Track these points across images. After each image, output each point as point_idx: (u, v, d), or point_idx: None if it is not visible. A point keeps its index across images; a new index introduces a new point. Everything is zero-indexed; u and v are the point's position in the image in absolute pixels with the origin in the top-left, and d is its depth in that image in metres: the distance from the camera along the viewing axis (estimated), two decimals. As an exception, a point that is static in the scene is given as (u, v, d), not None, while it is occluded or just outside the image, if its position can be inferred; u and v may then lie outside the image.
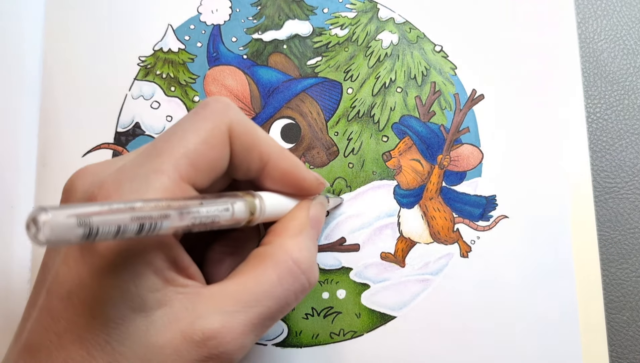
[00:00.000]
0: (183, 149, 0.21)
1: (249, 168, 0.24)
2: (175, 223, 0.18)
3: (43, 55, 0.33)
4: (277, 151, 0.24)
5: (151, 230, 0.17)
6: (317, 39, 0.34)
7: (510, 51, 0.34)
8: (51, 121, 0.33)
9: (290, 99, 0.33)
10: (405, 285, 0.32)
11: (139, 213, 0.17)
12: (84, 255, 0.19)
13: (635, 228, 0.34)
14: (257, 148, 0.24)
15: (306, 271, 0.23)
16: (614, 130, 0.35)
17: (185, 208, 0.19)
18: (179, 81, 0.33)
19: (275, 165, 0.24)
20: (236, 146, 0.23)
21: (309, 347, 0.32)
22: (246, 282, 0.22)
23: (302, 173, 0.25)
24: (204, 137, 0.22)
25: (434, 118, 0.34)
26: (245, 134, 0.23)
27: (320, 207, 0.27)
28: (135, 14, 0.34)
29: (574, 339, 0.31)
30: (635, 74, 0.35)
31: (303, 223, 0.25)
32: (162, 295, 0.20)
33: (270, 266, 0.23)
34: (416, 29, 0.35)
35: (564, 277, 0.32)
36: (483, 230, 0.33)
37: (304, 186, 0.26)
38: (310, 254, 0.24)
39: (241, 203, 0.22)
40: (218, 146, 0.22)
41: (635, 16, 0.36)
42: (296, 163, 0.25)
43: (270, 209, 0.24)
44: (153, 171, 0.20)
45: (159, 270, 0.20)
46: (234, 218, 0.21)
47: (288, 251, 0.23)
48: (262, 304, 0.22)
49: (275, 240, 0.24)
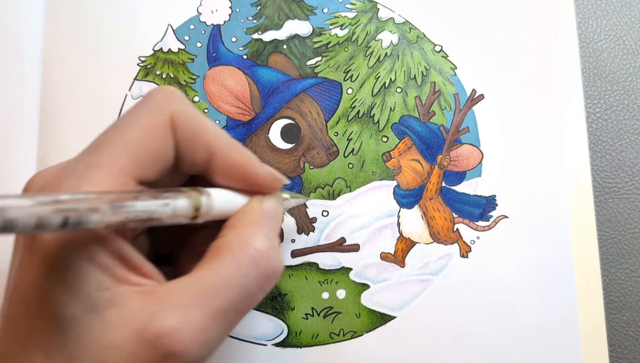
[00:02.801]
0: (122, 141, 0.20)
1: (194, 160, 0.23)
2: (107, 218, 0.18)
3: (43, 55, 0.33)
4: (226, 142, 0.23)
5: (78, 224, 0.17)
6: (317, 39, 0.34)
7: (510, 50, 0.34)
8: (51, 121, 0.33)
9: (290, 99, 0.33)
10: (405, 285, 0.32)
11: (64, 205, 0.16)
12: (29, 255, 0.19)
13: (635, 228, 0.34)
14: (202, 138, 0.22)
15: (266, 256, 0.22)
16: (614, 130, 0.35)
17: (117, 201, 0.18)
18: (179, 81, 0.33)
19: (224, 157, 0.23)
20: (180, 135, 0.22)
21: (309, 347, 0.32)
22: (203, 275, 0.21)
23: (255, 167, 0.24)
24: (144, 128, 0.21)
25: (433, 118, 0.34)
26: (188, 123, 0.22)
27: (274, 201, 0.25)
28: (135, 14, 0.34)
29: (574, 339, 0.31)
30: (635, 74, 0.35)
31: (257, 214, 0.24)
32: (113, 294, 0.19)
33: (228, 256, 0.21)
34: (416, 29, 0.35)
35: (564, 277, 0.32)
36: (483, 230, 0.33)
37: (256, 181, 0.24)
38: (270, 241, 0.23)
39: (184, 198, 0.21)
40: (159, 136, 0.21)
41: (635, 16, 0.36)
42: (247, 156, 0.24)
43: (219, 206, 0.23)
44: (90, 165, 0.20)
45: (105, 267, 0.19)
46: (175, 213, 0.20)
47: (245, 239, 0.22)
48: (221, 295, 0.21)
49: (229, 231, 0.23)
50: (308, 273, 0.32)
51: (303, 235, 0.32)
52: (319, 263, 0.32)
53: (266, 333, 0.31)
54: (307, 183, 0.33)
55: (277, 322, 0.32)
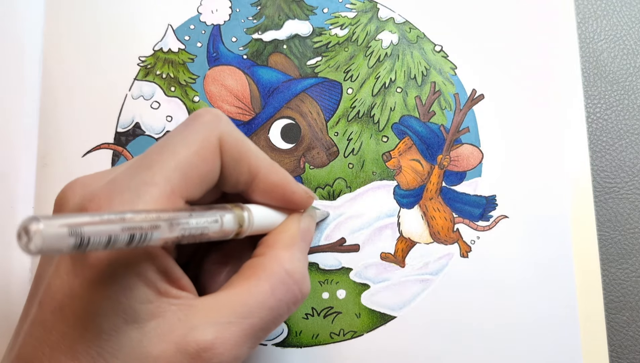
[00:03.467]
0: (174, 161, 0.21)
1: (237, 180, 0.24)
2: (165, 234, 0.18)
3: (43, 55, 0.33)
4: (267, 164, 0.24)
5: (141, 241, 0.17)
6: (317, 39, 0.34)
7: (510, 50, 0.34)
8: (51, 121, 0.33)
9: (290, 99, 0.33)
10: (405, 285, 0.32)
11: (130, 223, 0.17)
12: (75, 267, 0.19)
13: (635, 228, 0.34)
14: (246, 160, 0.24)
15: (299, 282, 0.23)
16: (614, 130, 0.35)
17: (175, 219, 0.19)
18: (179, 81, 0.33)
19: (265, 178, 0.24)
20: (226, 158, 0.23)
21: (309, 347, 0.32)
22: (239, 293, 0.22)
23: (292, 186, 0.25)
24: (195, 149, 0.22)
25: (433, 118, 0.34)
26: (235, 146, 0.23)
27: (310, 220, 0.27)
28: (135, 14, 0.34)
29: (574, 339, 0.32)
30: (635, 74, 0.35)
31: (294, 236, 0.25)
32: (154, 307, 0.20)
33: (263, 277, 0.22)
34: (416, 29, 0.35)
35: (564, 277, 0.32)
36: (483, 230, 0.33)
37: (293, 199, 0.25)
38: (302, 265, 0.24)
39: (230, 215, 0.22)
40: (209, 158, 0.22)
41: (635, 16, 0.36)
42: (286, 176, 0.25)
43: (258, 222, 0.24)
44: (144, 184, 0.20)
45: (150, 281, 0.20)
46: (223, 229, 0.21)
47: (281, 262, 0.23)
48: (256, 315, 0.22)
49: (267, 251, 0.24)
50: (308, 273, 0.32)
51: (303, 235, 0.32)
52: (319, 263, 0.32)
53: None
54: (307, 183, 0.33)
55: (277, 322, 0.32)
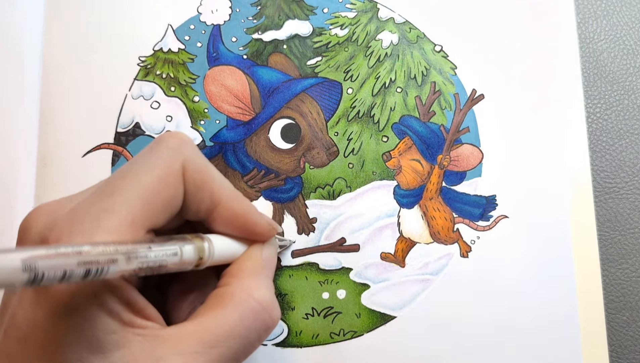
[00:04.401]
0: (136, 188, 0.21)
1: (199, 208, 0.23)
2: (123, 267, 0.18)
3: (43, 55, 0.33)
4: (230, 193, 0.24)
5: (98, 274, 0.17)
6: (317, 39, 0.34)
7: (510, 50, 0.34)
8: (51, 121, 0.33)
9: (290, 99, 0.33)
10: (405, 285, 0.32)
11: (86, 257, 0.17)
12: (38, 298, 0.19)
13: (635, 228, 0.34)
14: (209, 187, 0.23)
15: (268, 309, 0.23)
16: (614, 130, 0.35)
17: (133, 252, 0.19)
18: (179, 81, 0.33)
19: (226, 207, 0.24)
20: (189, 184, 0.23)
21: (309, 347, 0.32)
22: (206, 323, 0.22)
23: (254, 217, 0.25)
24: (158, 175, 0.21)
25: (434, 118, 0.34)
26: (198, 172, 0.23)
27: (272, 249, 0.27)
28: (135, 14, 0.34)
29: (574, 339, 0.32)
30: (635, 74, 0.35)
31: (258, 264, 0.25)
32: (119, 337, 0.20)
33: (231, 306, 0.22)
34: (416, 29, 0.35)
35: (564, 277, 0.32)
36: (483, 229, 0.33)
37: (255, 230, 0.25)
38: (270, 292, 0.24)
39: (190, 246, 0.22)
40: (172, 184, 0.22)
41: (635, 16, 0.36)
42: (248, 206, 0.25)
43: (219, 253, 0.24)
44: (104, 211, 0.20)
45: (113, 312, 0.20)
46: (182, 261, 0.21)
47: (248, 290, 0.23)
48: (223, 344, 0.21)
49: (232, 281, 0.24)
50: (308, 273, 0.32)
51: (303, 235, 0.32)
52: (319, 263, 0.32)
53: None
54: (307, 183, 0.33)
55: (277, 321, 0.32)
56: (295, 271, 0.32)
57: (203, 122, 0.33)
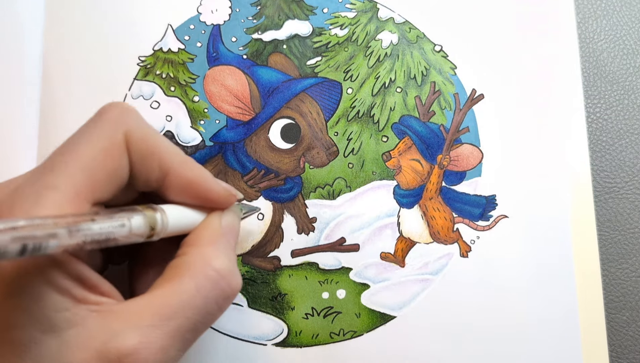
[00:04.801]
0: (78, 161, 0.20)
1: (148, 178, 0.23)
2: (65, 242, 0.18)
3: (43, 55, 0.33)
4: (179, 160, 0.23)
5: (36, 250, 0.17)
6: (316, 39, 0.34)
7: (510, 50, 0.34)
8: (51, 121, 0.33)
9: (290, 99, 0.33)
10: (405, 285, 0.32)
11: (21, 232, 0.16)
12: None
13: (635, 228, 0.34)
14: (156, 156, 0.22)
15: (226, 277, 0.22)
16: (614, 130, 0.35)
17: (75, 225, 0.18)
18: (179, 81, 0.33)
19: (178, 175, 0.23)
20: (134, 154, 0.22)
21: (309, 347, 0.32)
22: (162, 295, 0.21)
23: (209, 183, 0.24)
24: (100, 147, 0.21)
25: (433, 118, 0.34)
26: (143, 141, 0.22)
27: (233, 216, 0.26)
28: (135, 14, 0.34)
29: (574, 339, 0.31)
30: (635, 74, 0.35)
31: (216, 232, 0.24)
32: (72, 314, 0.19)
33: (187, 276, 0.22)
34: (416, 29, 0.35)
35: (564, 277, 0.32)
36: (483, 229, 0.33)
37: (210, 197, 0.24)
38: (229, 260, 0.23)
39: (139, 217, 0.21)
40: (115, 155, 0.21)
41: (635, 16, 0.36)
42: (201, 173, 0.24)
43: (174, 223, 0.23)
44: (45, 188, 0.19)
45: (63, 289, 0.19)
46: (132, 233, 0.20)
47: (205, 259, 0.22)
48: (181, 315, 0.21)
49: (189, 250, 0.23)
50: (308, 273, 0.32)
51: (303, 234, 0.32)
52: (319, 263, 0.32)
53: (266, 333, 0.31)
54: (307, 183, 0.33)
55: (277, 321, 0.32)
56: (295, 271, 0.32)
57: (203, 122, 0.33)
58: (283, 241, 0.32)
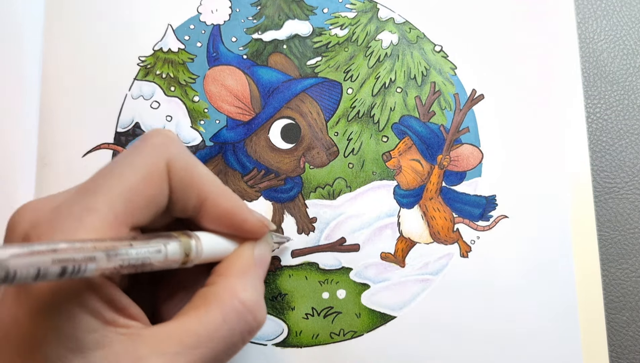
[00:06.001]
0: (119, 186, 0.21)
1: (186, 205, 0.23)
2: (103, 265, 0.18)
3: (43, 55, 0.33)
4: (217, 189, 0.24)
5: (75, 273, 0.17)
6: (317, 39, 0.34)
7: (510, 50, 0.34)
8: (51, 121, 0.33)
9: (290, 99, 0.33)
10: (405, 285, 0.32)
11: (62, 255, 0.16)
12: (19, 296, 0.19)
13: (635, 228, 0.34)
14: (196, 185, 0.23)
15: (253, 311, 0.23)
16: (614, 130, 0.35)
17: (113, 249, 0.18)
18: (179, 81, 0.33)
19: (215, 204, 0.23)
20: (174, 182, 0.22)
21: (309, 347, 0.32)
22: (189, 323, 0.21)
23: (244, 214, 0.24)
24: (142, 174, 0.21)
25: (433, 118, 0.34)
26: (184, 170, 0.22)
27: (265, 247, 0.26)
28: (135, 14, 0.34)
29: (574, 339, 0.31)
30: (635, 74, 0.35)
31: (248, 263, 0.24)
32: (100, 336, 0.19)
33: (215, 306, 0.22)
34: (416, 29, 0.35)
35: (564, 277, 0.32)
36: (483, 229, 0.33)
37: (244, 227, 0.25)
38: (257, 293, 0.24)
39: (175, 244, 0.21)
40: (156, 183, 0.22)
41: (635, 16, 0.36)
42: (237, 203, 0.24)
43: (208, 251, 0.23)
44: (87, 210, 0.20)
45: (95, 311, 0.20)
46: (167, 259, 0.21)
47: (233, 290, 0.23)
48: (206, 345, 0.21)
49: (219, 280, 0.23)
50: (308, 273, 0.32)
51: (303, 234, 0.32)
52: (319, 263, 0.32)
53: (266, 333, 0.31)
54: (307, 183, 0.33)
55: (277, 321, 0.32)
56: (295, 271, 0.32)
57: (203, 122, 0.33)
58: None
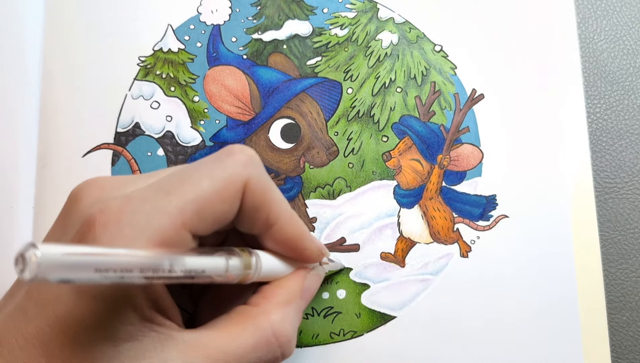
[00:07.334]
0: (193, 193, 0.21)
1: (253, 226, 0.23)
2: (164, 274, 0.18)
3: (43, 55, 0.33)
4: (287, 216, 0.24)
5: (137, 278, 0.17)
6: (317, 39, 0.34)
7: (510, 50, 0.34)
8: (51, 121, 0.33)
9: (290, 99, 0.33)
10: (405, 285, 0.32)
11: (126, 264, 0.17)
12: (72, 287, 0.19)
13: (635, 228, 0.34)
14: (267, 209, 0.23)
15: (283, 345, 0.23)
16: (614, 130, 0.35)
17: (178, 260, 0.18)
18: (179, 81, 0.33)
19: (282, 229, 0.24)
20: (247, 202, 0.22)
21: (309, 347, 0.32)
22: (220, 339, 0.22)
23: (306, 242, 0.25)
24: (219, 187, 0.21)
25: (433, 118, 0.34)
26: (259, 193, 0.22)
27: (316, 279, 0.27)
28: (135, 14, 0.34)
29: (575, 339, 0.31)
30: (635, 74, 0.35)
31: (294, 293, 0.25)
32: (135, 329, 0.20)
33: (250, 330, 0.22)
34: (416, 29, 0.35)
35: (564, 277, 0.32)
36: (483, 229, 0.33)
37: (305, 255, 0.25)
38: (293, 327, 0.24)
39: (237, 260, 0.21)
40: (229, 199, 0.22)
41: (635, 16, 0.36)
42: (302, 231, 0.25)
43: (265, 270, 0.23)
44: (157, 211, 0.20)
45: (137, 307, 0.20)
46: (228, 274, 0.21)
47: (271, 320, 0.23)
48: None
49: (261, 303, 0.24)
50: (308, 273, 0.32)
51: (303, 234, 0.32)
52: (319, 263, 0.32)
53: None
54: (307, 183, 0.33)
55: (277, 321, 0.32)
56: (295, 271, 0.32)
57: (203, 122, 0.33)
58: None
